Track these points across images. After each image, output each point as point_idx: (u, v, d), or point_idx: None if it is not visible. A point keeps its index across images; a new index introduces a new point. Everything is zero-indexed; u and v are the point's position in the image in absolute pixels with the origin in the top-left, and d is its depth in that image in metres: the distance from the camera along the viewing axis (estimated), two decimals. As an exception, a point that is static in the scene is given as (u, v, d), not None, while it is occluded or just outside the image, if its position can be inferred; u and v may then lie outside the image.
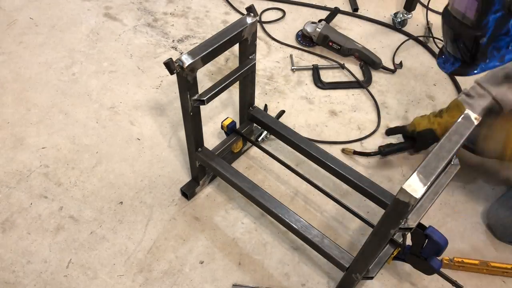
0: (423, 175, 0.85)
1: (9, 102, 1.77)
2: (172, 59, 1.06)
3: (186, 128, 1.31)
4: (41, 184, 1.54)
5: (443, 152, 0.90)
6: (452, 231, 1.48)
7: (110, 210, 1.49)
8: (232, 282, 1.35)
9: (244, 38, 1.20)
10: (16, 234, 1.42)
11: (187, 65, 1.07)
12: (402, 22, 2.11)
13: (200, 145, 1.38)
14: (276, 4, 2.23)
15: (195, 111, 1.23)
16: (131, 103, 1.79)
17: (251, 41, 1.24)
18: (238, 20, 1.17)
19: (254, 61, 1.30)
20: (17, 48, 1.96)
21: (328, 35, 1.96)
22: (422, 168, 0.86)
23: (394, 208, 0.88)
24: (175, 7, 2.19)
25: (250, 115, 1.50)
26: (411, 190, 0.82)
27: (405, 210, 0.86)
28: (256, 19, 1.18)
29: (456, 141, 0.92)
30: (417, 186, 0.83)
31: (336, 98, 1.85)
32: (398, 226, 0.95)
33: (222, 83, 1.24)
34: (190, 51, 1.09)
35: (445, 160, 0.88)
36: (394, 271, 1.38)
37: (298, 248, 1.42)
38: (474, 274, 1.38)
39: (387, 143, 1.63)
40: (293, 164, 1.60)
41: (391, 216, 0.92)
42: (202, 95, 1.19)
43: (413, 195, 0.81)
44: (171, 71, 1.07)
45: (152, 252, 1.40)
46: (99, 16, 2.12)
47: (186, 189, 1.50)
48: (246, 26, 1.17)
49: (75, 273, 1.35)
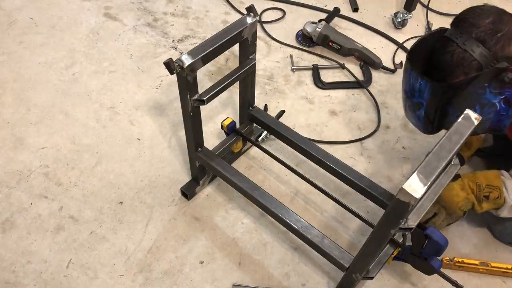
0: (423, 175, 0.84)
1: (9, 102, 1.77)
2: (172, 59, 1.06)
3: (186, 128, 1.31)
4: (41, 184, 1.54)
5: (443, 152, 0.90)
6: (452, 231, 1.48)
7: (110, 210, 1.49)
8: (232, 282, 1.35)
9: (244, 38, 1.20)
10: (16, 234, 1.42)
11: (187, 65, 1.07)
12: (402, 22, 2.11)
13: (200, 145, 1.38)
14: (276, 4, 2.23)
15: (195, 111, 1.23)
16: (131, 103, 1.79)
17: (251, 41, 1.23)
18: (238, 20, 1.17)
19: (254, 61, 1.30)
20: (17, 48, 1.96)
21: (328, 35, 1.96)
22: (422, 168, 0.86)
23: (394, 208, 0.88)
24: (175, 7, 2.19)
25: (250, 115, 1.50)
26: (411, 190, 0.82)
27: (405, 210, 0.85)
28: (256, 19, 1.18)
29: (456, 141, 0.92)
30: (417, 186, 0.82)
31: (336, 98, 1.85)
32: (398, 226, 0.95)
33: (222, 83, 1.24)
34: (190, 51, 1.09)
35: (445, 160, 0.88)
36: (394, 271, 1.38)
37: (298, 248, 1.42)
38: (474, 274, 1.38)
39: None
40: (293, 164, 1.60)
41: (391, 216, 0.92)
42: (202, 95, 1.19)
43: (413, 195, 0.81)
44: (171, 71, 1.07)
45: (152, 252, 1.40)
46: (99, 16, 2.12)
47: (186, 189, 1.50)
48: (246, 26, 1.17)
49: (75, 273, 1.35)
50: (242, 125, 1.55)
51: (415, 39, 1.25)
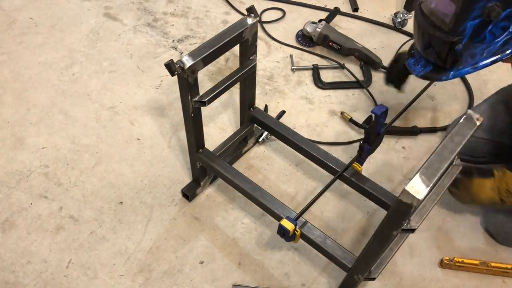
0: (425, 176, 0.84)
1: (9, 102, 1.76)
2: (173, 60, 1.05)
3: (187, 130, 1.31)
4: (41, 184, 1.54)
5: (446, 153, 0.90)
6: (452, 231, 1.48)
7: (110, 210, 1.49)
8: (232, 282, 1.35)
9: (244, 39, 1.20)
10: (16, 234, 1.42)
11: (188, 66, 1.07)
12: (402, 22, 2.11)
13: (201, 146, 1.38)
14: (276, 4, 2.23)
15: (196, 112, 1.23)
16: (131, 103, 1.79)
17: (252, 42, 1.23)
18: (238, 21, 1.17)
19: (255, 62, 1.30)
20: (17, 48, 1.96)
21: (328, 35, 1.96)
22: (424, 169, 0.86)
23: (397, 209, 0.87)
24: (175, 7, 2.19)
25: (251, 116, 1.50)
26: (414, 191, 0.81)
27: (408, 212, 0.85)
28: (256, 20, 1.18)
29: (458, 142, 0.92)
30: (420, 188, 0.82)
31: (336, 98, 1.85)
32: (401, 228, 0.94)
33: (223, 84, 1.23)
34: (191, 53, 1.09)
35: (447, 161, 0.88)
36: (394, 272, 1.38)
37: (298, 248, 1.42)
38: (474, 274, 1.38)
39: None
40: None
41: (394, 218, 0.92)
42: (203, 96, 1.19)
43: (416, 196, 0.81)
44: (172, 72, 1.06)
45: (152, 252, 1.40)
46: (99, 16, 2.12)
47: (187, 190, 1.50)
48: (247, 27, 1.17)
49: (75, 273, 1.35)
50: (243, 125, 1.54)
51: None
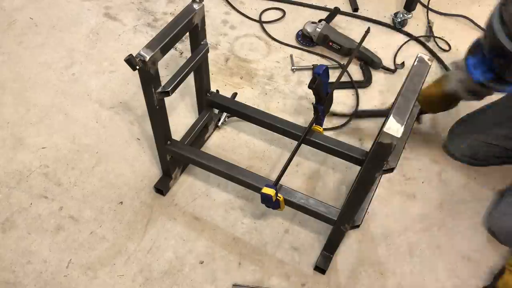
0: (398, 116, 0.92)
1: (9, 102, 1.76)
2: (132, 55, 1.05)
3: (153, 123, 1.31)
4: (41, 184, 1.54)
5: (409, 93, 0.99)
6: (452, 231, 1.48)
7: (110, 210, 1.49)
8: (232, 282, 1.35)
9: (194, 24, 1.22)
10: (16, 234, 1.42)
11: (148, 58, 1.08)
12: (402, 22, 2.11)
13: (168, 138, 1.39)
14: (276, 4, 2.23)
15: (160, 103, 1.24)
16: (131, 103, 1.79)
17: (201, 27, 1.26)
18: (185, 8, 1.19)
19: (207, 46, 1.32)
20: (17, 48, 1.96)
21: (328, 35, 1.96)
22: (396, 109, 0.94)
23: (378, 151, 0.95)
24: (175, 7, 2.19)
25: (209, 100, 1.51)
26: (392, 131, 0.90)
27: (389, 152, 0.94)
28: (202, 4, 1.20)
29: (418, 81, 1.01)
30: (396, 127, 0.90)
31: (336, 98, 1.85)
32: (382, 169, 1.02)
33: (182, 72, 1.25)
34: (147, 45, 1.09)
35: (412, 101, 0.97)
36: (394, 272, 1.38)
37: (298, 248, 1.42)
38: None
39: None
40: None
41: (375, 160, 1.00)
42: (165, 87, 1.20)
43: (395, 135, 0.89)
44: (133, 67, 1.06)
45: (152, 252, 1.40)
46: (99, 16, 2.12)
47: (160, 185, 1.50)
48: (195, 13, 1.19)
49: (75, 273, 1.35)
50: (203, 112, 1.55)
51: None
